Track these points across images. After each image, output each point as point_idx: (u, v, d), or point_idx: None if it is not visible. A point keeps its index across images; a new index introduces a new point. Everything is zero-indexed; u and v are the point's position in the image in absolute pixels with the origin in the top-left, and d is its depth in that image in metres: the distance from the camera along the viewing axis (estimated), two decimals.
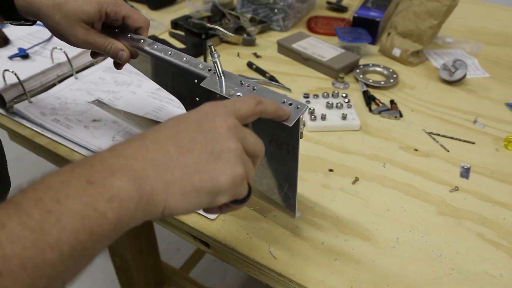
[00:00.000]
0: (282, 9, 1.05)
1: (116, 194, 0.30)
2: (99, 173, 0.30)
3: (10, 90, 0.74)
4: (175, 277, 1.26)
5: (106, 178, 0.30)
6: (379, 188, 0.63)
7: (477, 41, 1.05)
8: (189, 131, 0.35)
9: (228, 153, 0.34)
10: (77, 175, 0.30)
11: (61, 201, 0.28)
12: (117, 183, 0.30)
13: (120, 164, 0.31)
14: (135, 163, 0.32)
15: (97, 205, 0.29)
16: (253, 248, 0.53)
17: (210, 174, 0.33)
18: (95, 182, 0.30)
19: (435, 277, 0.51)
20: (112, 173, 0.30)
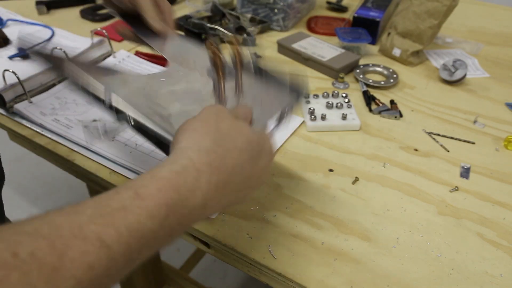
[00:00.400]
0: (282, 9, 1.05)
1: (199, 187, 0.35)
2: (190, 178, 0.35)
3: (10, 90, 0.74)
4: (175, 277, 1.26)
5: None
6: (379, 188, 0.63)
7: (477, 41, 1.05)
8: (245, 167, 0.40)
9: (260, 183, 0.43)
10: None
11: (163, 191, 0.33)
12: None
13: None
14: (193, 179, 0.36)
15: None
16: (253, 248, 0.53)
17: (244, 194, 0.41)
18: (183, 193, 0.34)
19: (435, 277, 0.51)
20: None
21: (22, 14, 1.10)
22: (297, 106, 0.48)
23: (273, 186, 0.63)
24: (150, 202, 0.32)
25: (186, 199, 0.34)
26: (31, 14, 1.10)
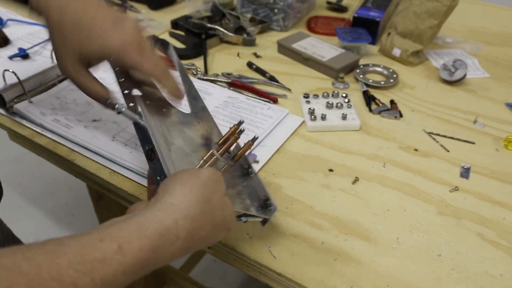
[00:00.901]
0: (282, 9, 1.05)
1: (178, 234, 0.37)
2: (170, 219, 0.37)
3: (10, 90, 0.74)
4: (175, 277, 1.25)
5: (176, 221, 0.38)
6: (379, 188, 0.63)
7: (477, 41, 1.05)
8: (216, 212, 0.42)
9: (228, 231, 0.44)
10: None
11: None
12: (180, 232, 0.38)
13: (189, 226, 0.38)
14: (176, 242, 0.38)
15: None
16: (253, 248, 0.53)
17: (212, 240, 0.43)
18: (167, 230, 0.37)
19: (435, 277, 0.51)
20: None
21: (22, 14, 1.10)
22: (257, 219, 0.52)
23: (273, 186, 0.63)
24: (130, 260, 0.34)
25: (158, 257, 0.36)
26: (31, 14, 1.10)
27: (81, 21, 0.47)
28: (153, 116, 0.51)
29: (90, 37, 0.47)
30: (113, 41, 0.48)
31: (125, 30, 0.49)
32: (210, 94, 0.82)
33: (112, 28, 0.48)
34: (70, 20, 0.47)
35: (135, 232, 0.35)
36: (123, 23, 0.49)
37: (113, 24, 0.48)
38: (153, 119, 0.51)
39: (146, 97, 0.53)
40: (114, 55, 0.49)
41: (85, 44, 0.48)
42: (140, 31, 0.50)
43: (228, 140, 0.53)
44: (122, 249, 0.33)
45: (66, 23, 0.48)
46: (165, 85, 0.51)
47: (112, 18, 0.49)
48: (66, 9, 0.48)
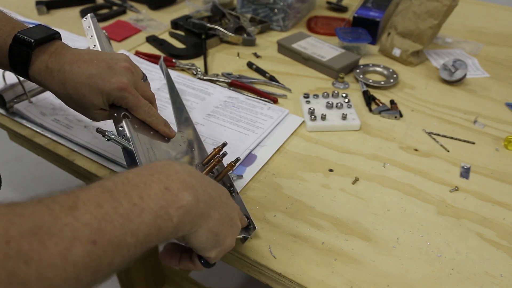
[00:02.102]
0: (282, 9, 1.05)
1: (184, 205, 0.37)
2: (175, 184, 0.38)
3: (10, 90, 0.74)
4: (175, 277, 1.25)
5: (180, 190, 0.38)
6: (379, 188, 0.63)
7: (477, 41, 1.05)
8: (225, 194, 0.46)
9: (237, 227, 0.46)
10: (156, 179, 0.37)
11: (144, 198, 0.35)
12: (186, 196, 0.38)
13: (191, 183, 0.39)
14: (199, 188, 0.40)
15: (169, 210, 0.36)
16: (253, 248, 0.53)
17: (226, 231, 0.44)
18: (171, 190, 0.37)
19: (435, 277, 0.51)
20: (185, 187, 0.38)
21: (22, 14, 1.10)
22: (238, 236, 0.52)
23: (273, 186, 0.63)
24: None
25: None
26: (31, 14, 1.10)
27: (81, 83, 0.52)
28: (141, 139, 0.54)
29: (92, 91, 0.52)
30: (111, 87, 0.52)
31: (119, 73, 0.53)
32: (210, 94, 0.82)
33: (108, 75, 0.53)
34: (72, 89, 0.52)
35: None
36: (115, 65, 0.54)
37: (108, 69, 0.53)
38: (141, 143, 0.53)
39: (134, 120, 0.56)
40: (114, 99, 0.54)
41: (92, 97, 0.53)
42: (132, 67, 0.56)
43: (212, 159, 0.57)
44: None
45: (70, 94, 0.53)
46: (158, 129, 0.58)
47: (105, 64, 0.53)
48: (65, 83, 0.52)
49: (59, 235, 0.29)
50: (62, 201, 0.31)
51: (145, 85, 0.59)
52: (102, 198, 0.33)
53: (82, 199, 0.32)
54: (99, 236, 0.31)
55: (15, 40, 0.52)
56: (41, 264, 0.27)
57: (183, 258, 0.47)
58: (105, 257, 0.31)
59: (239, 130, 0.73)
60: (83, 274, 0.30)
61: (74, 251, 0.29)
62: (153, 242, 0.35)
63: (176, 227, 0.37)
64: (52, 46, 0.53)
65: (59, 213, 0.30)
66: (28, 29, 0.53)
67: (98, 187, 0.34)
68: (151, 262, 1.17)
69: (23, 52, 0.52)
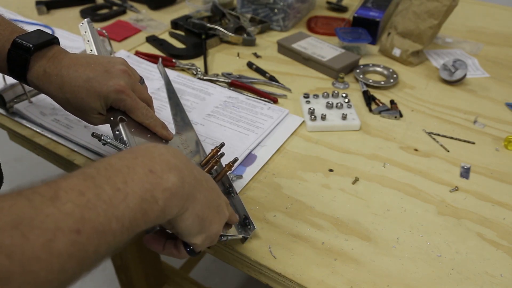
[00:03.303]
0: (282, 9, 1.05)
1: (169, 187, 0.37)
2: (159, 165, 0.37)
3: (10, 90, 0.74)
4: (175, 277, 1.26)
5: (164, 172, 0.37)
6: (379, 188, 0.63)
7: (477, 41, 1.05)
8: (212, 181, 0.46)
9: (223, 215, 0.46)
10: (140, 163, 0.37)
11: (128, 183, 0.35)
12: (172, 178, 0.37)
13: (175, 164, 0.39)
14: (184, 169, 0.39)
15: (154, 192, 0.36)
16: (253, 248, 0.53)
17: (213, 217, 0.44)
18: (155, 172, 0.37)
19: (435, 277, 0.51)
20: (169, 169, 0.38)
21: (22, 14, 1.10)
22: (237, 237, 0.53)
23: (273, 186, 0.63)
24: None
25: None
26: (31, 14, 1.10)
27: (79, 87, 0.52)
28: (138, 143, 0.54)
29: (89, 95, 0.53)
30: (108, 90, 0.53)
31: (116, 76, 0.54)
32: (210, 94, 0.82)
33: (106, 78, 0.53)
34: (70, 93, 0.53)
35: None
36: (112, 68, 0.54)
37: (105, 72, 0.53)
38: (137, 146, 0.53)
39: (131, 123, 0.56)
40: (112, 102, 0.54)
41: (90, 101, 0.53)
42: (129, 70, 0.56)
43: (210, 160, 0.57)
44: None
45: (68, 98, 0.53)
46: (155, 131, 0.59)
47: (102, 68, 0.54)
48: (63, 88, 0.52)
49: (41, 226, 0.28)
50: (43, 192, 0.31)
51: (143, 88, 0.59)
52: (84, 185, 0.33)
53: (64, 188, 0.32)
54: (83, 225, 0.30)
55: (13, 45, 0.52)
56: (24, 258, 0.27)
57: (167, 244, 0.46)
58: (90, 245, 0.31)
59: (239, 130, 0.73)
60: (69, 264, 0.29)
61: (57, 242, 0.29)
62: (140, 226, 0.35)
63: (162, 210, 0.36)
64: (50, 51, 0.53)
65: (40, 204, 0.30)
66: (27, 34, 0.53)
67: (80, 174, 0.34)
68: (151, 262, 1.17)
69: (21, 57, 0.52)
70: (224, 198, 0.48)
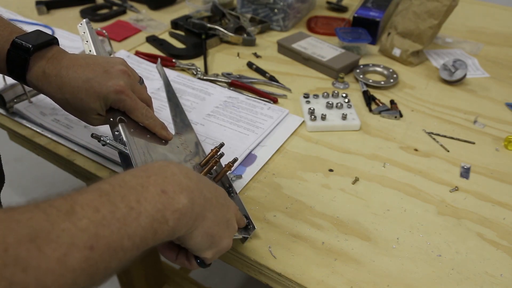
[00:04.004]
0: (282, 9, 1.05)
1: (180, 208, 0.37)
2: (171, 186, 0.38)
3: (10, 90, 0.74)
4: (175, 277, 1.26)
5: (176, 193, 0.38)
6: (379, 188, 0.63)
7: (477, 41, 1.05)
8: (222, 195, 0.46)
9: (233, 228, 0.47)
10: (153, 182, 0.37)
11: (141, 202, 0.35)
12: (183, 199, 0.38)
13: (187, 185, 0.39)
14: (195, 190, 0.40)
15: (165, 213, 0.36)
16: (253, 248, 0.53)
17: (222, 232, 0.44)
18: (167, 193, 0.37)
19: (435, 277, 0.51)
20: (181, 190, 0.38)
21: (22, 14, 1.10)
22: (237, 237, 0.53)
23: (273, 186, 0.63)
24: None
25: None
26: (31, 14, 1.10)
27: (78, 88, 0.52)
28: (137, 143, 0.54)
29: (89, 95, 0.53)
30: (108, 90, 0.53)
31: (116, 76, 0.54)
32: (210, 94, 0.82)
33: (105, 78, 0.53)
34: (70, 93, 0.53)
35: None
36: (111, 69, 0.54)
37: (104, 73, 0.53)
38: (137, 147, 0.53)
39: (130, 123, 0.56)
40: (111, 102, 0.54)
41: (89, 101, 0.53)
42: (128, 71, 0.56)
43: (210, 161, 0.57)
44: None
45: (68, 98, 0.53)
46: (155, 131, 0.59)
47: (101, 68, 0.54)
48: (62, 88, 0.53)
49: (56, 241, 0.29)
50: (59, 206, 0.31)
51: (142, 88, 0.59)
52: (100, 202, 0.33)
53: (79, 203, 0.32)
54: (96, 241, 0.31)
55: (13, 45, 0.52)
56: (39, 271, 0.27)
57: (180, 255, 0.47)
58: (102, 261, 0.31)
59: (239, 130, 0.73)
60: (80, 279, 0.30)
61: (71, 257, 0.29)
62: (149, 245, 0.36)
63: (172, 230, 0.37)
64: (50, 52, 0.53)
65: (56, 218, 0.30)
66: (26, 34, 0.53)
67: (95, 190, 0.34)
68: (151, 262, 1.17)
69: (21, 57, 0.52)
70: (234, 209, 0.48)
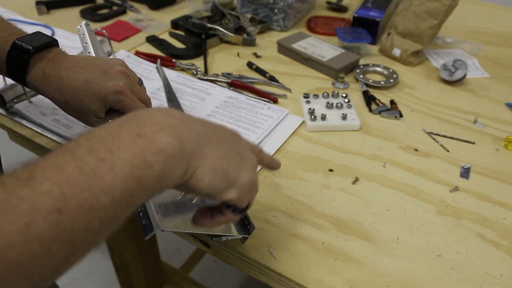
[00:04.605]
0: (282, 9, 1.05)
1: (163, 148, 0.33)
2: (149, 128, 0.34)
3: (10, 90, 0.74)
4: (175, 277, 1.26)
5: (155, 133, 0.33)
6: (379, 188, 0.63)
7: (477, 41, 1.05)
8: (224, 130, 0.42)
9: (250, 160, 0.42)
10: (127, 128, 0.33)
11: (113, 151, 0.31)
12: (164, 138, 0.34)
13: (168, 122, 0.35)
14: (181, 126, 0.36)
15: (146, 156, 0.32)
16: (253, 248, 0.53)
17: (236, 166, 0.40)
18: (144, 135, 0.33)
19: (435, 277, 0.51)
20: (160, 128, 0.34)
21: (22, 14, 1.10)
22: (237, 237, 0.53)
23: (273, 186, 0.63)
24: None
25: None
26: (31, 14, 1.10)
27: (78, 89, 0.52)
28: None
29: (88, 96, 0.53)
30: (107, 91, 0.53)
31: (115, 77, 0.54)
32: (210, 94, 0.82)
33: (104, 79, 0.53)
34: (69, 95, 0.53)
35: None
36: (111, 70, 0.54)
37: (104, 74, 0.53)
38: None
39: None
40: (111, 103, 0.54)
41: (89, 102, 0.53)
42: (128, 72, 0.56)
43: None
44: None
45: (67, 99, 0.53)
46: None
47: (101, 69, 0.54)
48: (62, 90, 0.53)
49: (14, 211, 0.26)
50: (18, 174, 0.29)
51: (141, 89, 0.59)
52: (63, 160, 0.30)
53: (40, 167, 0.29)
54: (64, 203, 0.28)
55: (13, 47, 0.52)
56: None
57: (215, 214, 0.43)
58: (77, 223, 0.28)
59: (239, 130, 0.73)
60: (54, 246, 0.27)
61: (35, 225, 0.27)
62: (137, 196, 0.32)
63: (160, 175, 0.33)
64: (50, 53, 0.53)
65: (14, 187, 0.28)
66: (26, 36, 0.53)
67: (59, 151, 0.31)
68: (151, 262, 1.17)
69: (21, 58, 0.52)
70: (247, 143, 0.44)
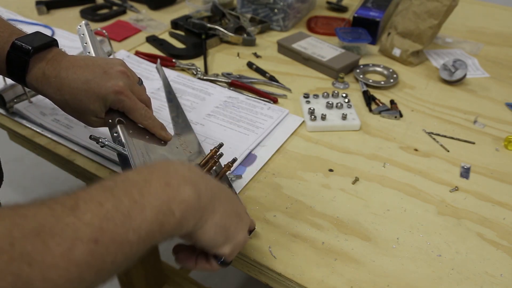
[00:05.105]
0: (282, 9, 1.05)
1: (186, 199, 0.37)
2: (175, 179, 0.38)
3: (10, 90, 0.74)
4: (175, 277, 1.26)
5: (180, 185, 0.38)
6: (379, 188, 0.63)
7: (477, 41, 1.05)
8: (228, 191, 0.46)
9: (245, 222, 0.46)
10: (156, 177, 0.37)
11: (144, 195, 0.35)
12: (188, 190, 0.38)
13: (191, 178, 0.39)
14: (200, 183, 0.40)
15: (171, 205, 0.36)
16: (253, 248, 0.53)
17: (236, 225, 0.44)
18: (171, 185, 0.37)
19: (435, 277, 0.51)
20: (185, 181, 0.38)
21: (22, 14, 1.10)
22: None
23: (273, 186, 0.63)
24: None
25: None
26: (31, 14, 1.10)
27: (78, 89, 0.52)
28: (136, 144, 0.54)
29: (88, 96, 0.53)
30: (107, 91, 0.53)
31: (115, 77, 0.54)
32: (210, 94, 0.82)
33: (104, 79, 0.53)
34: (69, 95, 0.53)
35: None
36: (110, 70, 0.54)
37: (104, 74, 0.53)
38: (136, 148, 0.53)
39: (129, 124, 0.56)
40: (110, 103, 0.54)
41: (88, 102, 0.53)
42: (128, 71, 0.56)
43: (209, 161, 0.57)
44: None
45: (67, 100, 0.53)
46: (154, 132, 0.59)
47: (100, 70, 0.54)
48: (62, 90, 0.53)
49: (61, 235, 0.29)
50: (64, 202, 0.31)
51: (141, 89, 0.59)
52: (103, 197, 0.33)
53: (83, 198, 0.32)
54: (101, 235, 0.31)
55: (13, 47, 0.52)
56: (44, 265, 0.28)
57: (199, 259, 0.46)
58: (108, 255, 0.31)
59: (239, 130, 0.73)
60: (86, 273, 0.30)
61: (76, 251, 0.29)
62: (156, 238, 0.35)
63: (179, 223, 0.37)
64: (49, 53, 0.53)
65: (61, 213, 0.30)
66: (26, 36, 0.53)
67: (99, 186, 0.35)
68: (151, 262, 1.17)
69: (20, 59, 0.52)
70: (243, 206, 0.48)
